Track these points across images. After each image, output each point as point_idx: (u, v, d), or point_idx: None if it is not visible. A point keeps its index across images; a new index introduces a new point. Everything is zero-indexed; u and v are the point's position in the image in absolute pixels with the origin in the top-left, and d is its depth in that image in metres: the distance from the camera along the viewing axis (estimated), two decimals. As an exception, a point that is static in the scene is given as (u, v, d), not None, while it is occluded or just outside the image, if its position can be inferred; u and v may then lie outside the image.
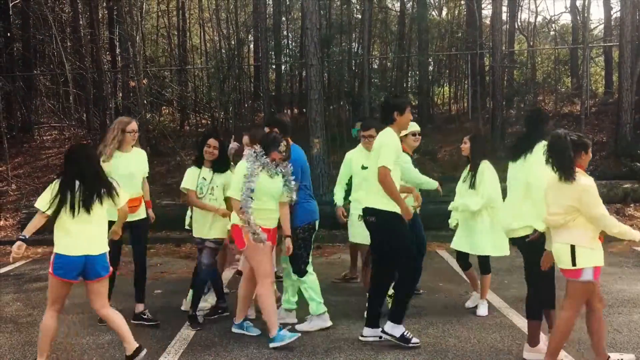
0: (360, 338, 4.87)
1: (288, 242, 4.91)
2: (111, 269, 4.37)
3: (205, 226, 5.36)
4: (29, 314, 5.91)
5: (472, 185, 5.43)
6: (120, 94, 16.01)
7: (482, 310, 5.54)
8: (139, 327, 5.32)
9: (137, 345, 4.26)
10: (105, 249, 4.31)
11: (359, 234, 5.67)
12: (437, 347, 4.70)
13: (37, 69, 17.85)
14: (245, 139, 5.77)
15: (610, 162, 12.81)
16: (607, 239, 4.20)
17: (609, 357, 4.14)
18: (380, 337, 4.78)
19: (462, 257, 5.71)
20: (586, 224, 3.88)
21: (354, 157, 5.94)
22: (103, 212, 4.29)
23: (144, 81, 14.74)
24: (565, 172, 3.87)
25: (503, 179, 5.59)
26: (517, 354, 4.52)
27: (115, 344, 4.93)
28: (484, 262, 5.60)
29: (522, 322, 5.25)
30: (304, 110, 15.38)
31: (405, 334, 4.70)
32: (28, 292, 6.81)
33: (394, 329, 4.70)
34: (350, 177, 6.04)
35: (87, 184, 4.21)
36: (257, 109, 16.77)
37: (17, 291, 6.90)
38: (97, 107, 15.95)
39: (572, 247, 3.89)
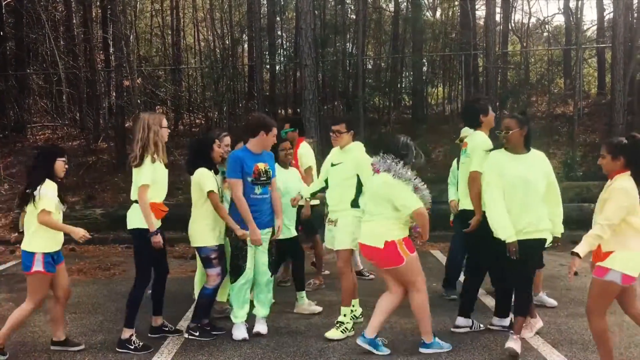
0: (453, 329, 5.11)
1: None
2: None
3: (216, 231, 5.08)
4: (22, 314, 5.87)
5: None
6: (114, 94, 15.95)
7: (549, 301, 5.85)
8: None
9: None
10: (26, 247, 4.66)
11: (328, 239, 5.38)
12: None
13: (30, 68, 17.77)
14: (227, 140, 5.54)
15: (603, 162, 12.84)
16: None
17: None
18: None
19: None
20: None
21: (331, 155, 5.60)
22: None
23: (137, 80, 14.71)
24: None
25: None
26: (510, 354, 4.53)
27: (108, 344, 4.92)
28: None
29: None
30: (298, 110, 15.37)
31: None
32: (20, 292, 6.77)
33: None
34: None
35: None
36: (251, 109, 16.74)
37: (9, 291, 6.87)
38: (90, 106, 15.91)
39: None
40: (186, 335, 5.03)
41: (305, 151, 6.62)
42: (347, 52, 17.03)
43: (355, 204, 5.03)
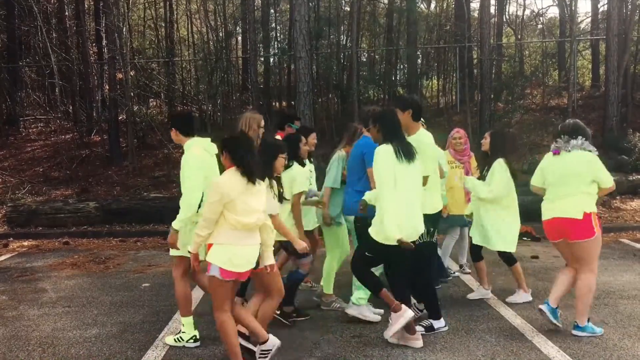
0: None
1: None
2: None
3: (306, 220, 5.25)
4: (15, 307, 5.85)
5: (484, 178, 5.60)
6: (107, 86, 15.86)
7: (520, 298, 5.71)
8: (128, 319, 5.31)
9: None
10: None
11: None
12: (426, 338, 4.71)
13: (23, 61, 17.65)
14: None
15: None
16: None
17: None
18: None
19: (475, 248, 5.78)
20: None
21: None
22: None
23: (131, 73, 14.63)
24: None
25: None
26: (505, 345, 4.55)
27: (102, 337, 4.90)
28: (505, 257, 5.71)
29: (509, 314, 5.30)
30: (293, 102, 15.33)
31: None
32: (14, 286, 6.75)
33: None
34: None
35: None
36: (246, 102, 16.70)
37: (3, 285, 6.83)
38: (83, 99, 15.83)
39: None
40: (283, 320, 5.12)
41: None
42: (341, 44, 16.99)
43: None
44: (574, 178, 4.71)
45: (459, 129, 6.64)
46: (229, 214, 3.86)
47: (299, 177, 4.90)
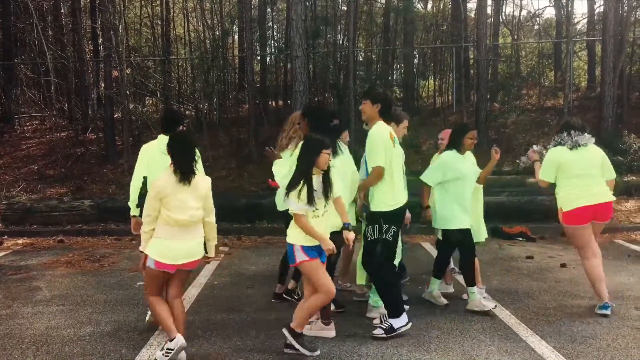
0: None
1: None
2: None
3: None
4: (9, 305, 5.83)
5: None
6: (103, 84, 15.81)
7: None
8: (122, 318, 5.30)
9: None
10: None
11: None
12: (420, 338, 4.72)
13: (18, 58, 17.58)
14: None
15: (592, 155, 12.92)
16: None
17: None
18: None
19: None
20: None
21: None
22: None
23: (126, 71, 14.58)
24: None
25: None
26: (499, 344, 4.56)
27: (96, 336, 4.89)
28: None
29: (503, 313, 5.31)
30: (289, 102, 15.32)
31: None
32: (9, 284, 6.72)
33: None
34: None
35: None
36: (242, 101, 16.69)
37: (-3, 283, 6.81)
38: (78, 97, 15.77)
39: None
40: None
41: None
42: (338, 43, 16.98)
43: None
44: (599, 168, 5.32)
45: (446, 129, 6.40)
46: (163, 210, 4.18)
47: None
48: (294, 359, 4.34)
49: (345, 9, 16.70)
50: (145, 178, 5.00)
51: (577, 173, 5.24)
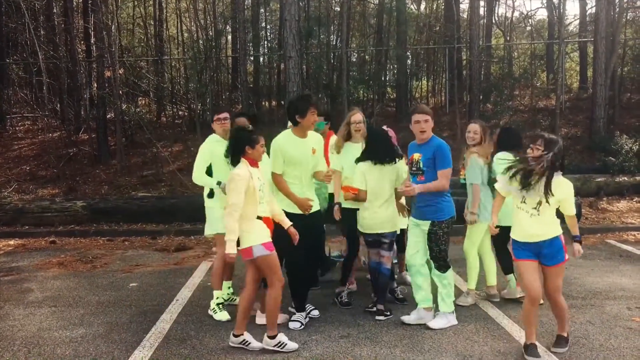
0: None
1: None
2: None
3: None
4: (0, 307, 5.79)
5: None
6: (95, 84, 15.74)
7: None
8: (115, 319, 5.27)
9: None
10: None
11: None
12: (414, 338, 4.72)
13: (10, 58, 17.48)
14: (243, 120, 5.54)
15: (584, 156, 13.00)
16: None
17: None
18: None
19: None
20: None
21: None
22: None
23: (119, 71, 14.53)
24: None
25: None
26: (492, 345, 4.57)
27: (88, 337, 4.86)
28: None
29: (496, 314, 5.32)
30: (282, 102, 15.31)
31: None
32: (0, 285, 6.69)
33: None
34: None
35: None
36: (235, 101, 16.65)
37: (-12, 284, 6.76)
38: (71, 97, 15.68)
39: None
40: (381, 318, 5.20)
41: None
42: (331, 44, 16.98)
43: None
44: None
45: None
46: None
47: (403, 172, 5.38)
48: (287, 359, 4.35)
49: (339, 9, 16.71)
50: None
51: None
